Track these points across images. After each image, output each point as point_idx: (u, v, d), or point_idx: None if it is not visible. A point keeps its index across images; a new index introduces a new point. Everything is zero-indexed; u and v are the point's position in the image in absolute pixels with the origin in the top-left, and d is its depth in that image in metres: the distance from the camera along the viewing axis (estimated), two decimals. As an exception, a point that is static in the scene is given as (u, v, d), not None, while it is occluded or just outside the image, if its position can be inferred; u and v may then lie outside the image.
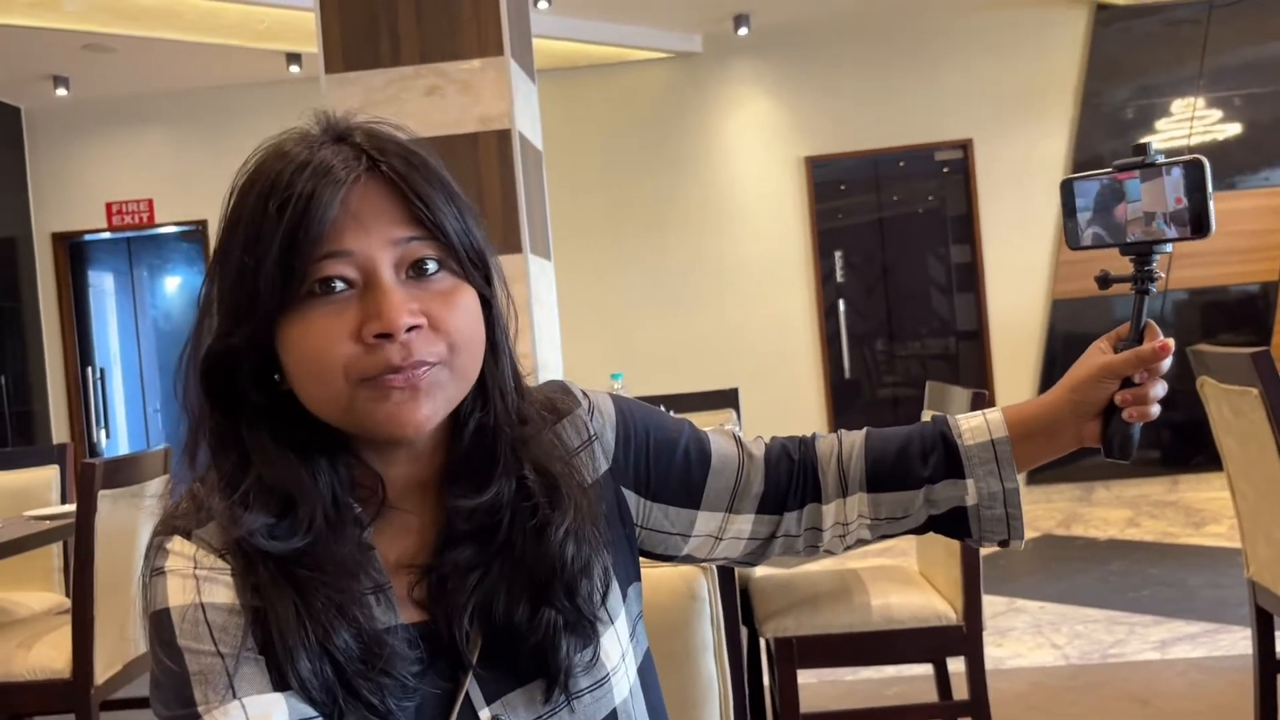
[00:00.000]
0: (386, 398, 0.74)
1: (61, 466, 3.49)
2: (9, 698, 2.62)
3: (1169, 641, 3.64)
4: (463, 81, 3.23)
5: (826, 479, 0.96)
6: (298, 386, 0.76)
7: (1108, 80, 6.77)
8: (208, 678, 0.72)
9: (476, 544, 0.80)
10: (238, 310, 0.75)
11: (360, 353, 0.74)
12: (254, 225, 0.74)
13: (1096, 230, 0.95)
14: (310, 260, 0.73)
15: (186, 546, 0.76)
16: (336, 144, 0.77)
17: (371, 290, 0.74)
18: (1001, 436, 0.93)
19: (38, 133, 7.26)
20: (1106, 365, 0.91)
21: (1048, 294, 6.83)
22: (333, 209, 0.73)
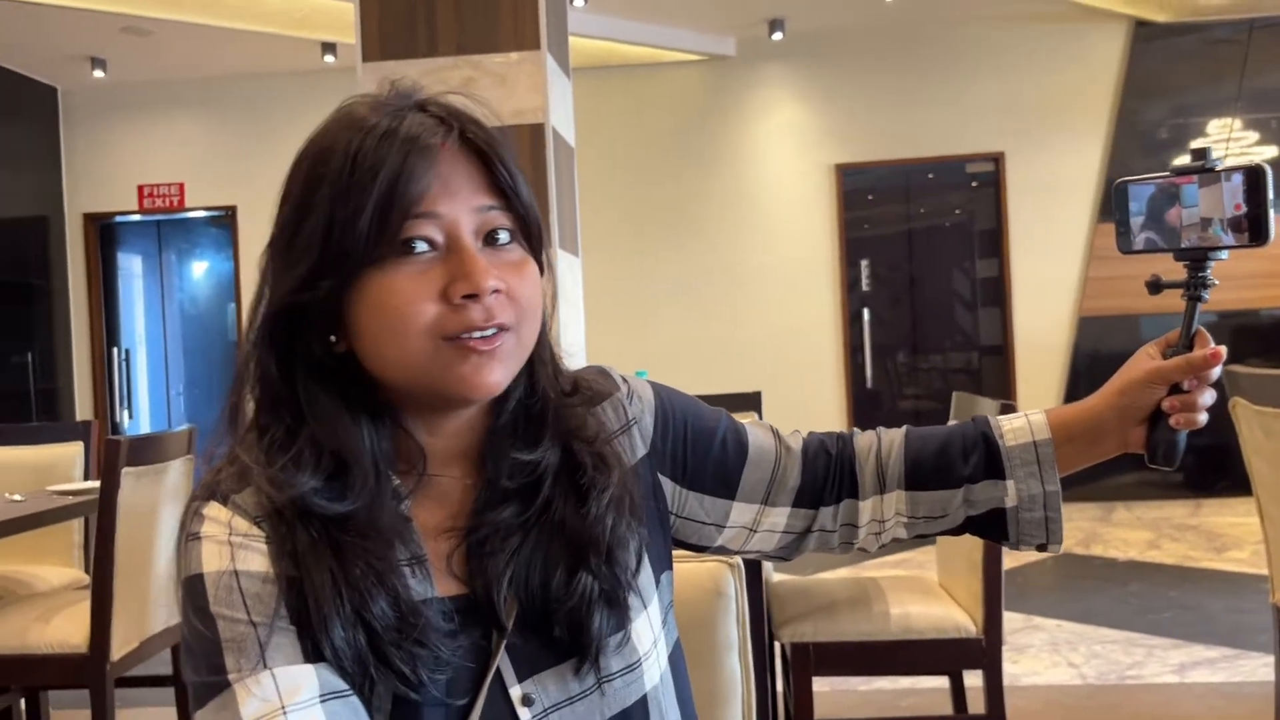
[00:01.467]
0: (465, 359, 0.76)
1: (86, 444, 3.51)
2: (26, 670, 2.63)
3: (1188, 665, 3.60)
4: (498, 74, 3.24)
5: (864, 475, 0.95)
6: (371, 345, 0.76)
7: (1144, 98, 6.72)
8: (239, 645, 0.72)
9: (517, 504, 0.81)
10: (320, 267, 0.75)
11: (445, 312, 0.75)
12: (339, 185, 0.74)
13: (1150, 235, 0.94)
14: (400, 221, 0.74)
15: (222, 513, 0.76)
16: (419, 113, 0.78)
17: (455, 253, 0.76)
18: (1044, 438, 0.92)
19: (73, 113, 7.33)
20: (1157, 370, 0.90)
21: (1074, 311, 6.78)
22: (425, 173, 0.75)
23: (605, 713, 0.81)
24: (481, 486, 0.82)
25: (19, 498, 2.94)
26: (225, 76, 7.19)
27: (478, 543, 0.80)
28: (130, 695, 3.10)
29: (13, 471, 3.31)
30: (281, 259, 0.77)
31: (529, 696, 0.79)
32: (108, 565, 2.54)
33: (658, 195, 7.11)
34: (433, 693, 0.75)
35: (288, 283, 0.76)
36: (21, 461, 3.41)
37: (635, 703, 0.82)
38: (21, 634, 2.60)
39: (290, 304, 0.77)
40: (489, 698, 0.77)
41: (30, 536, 3.11)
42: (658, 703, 0.84)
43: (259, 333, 0.78)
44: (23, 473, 3.35)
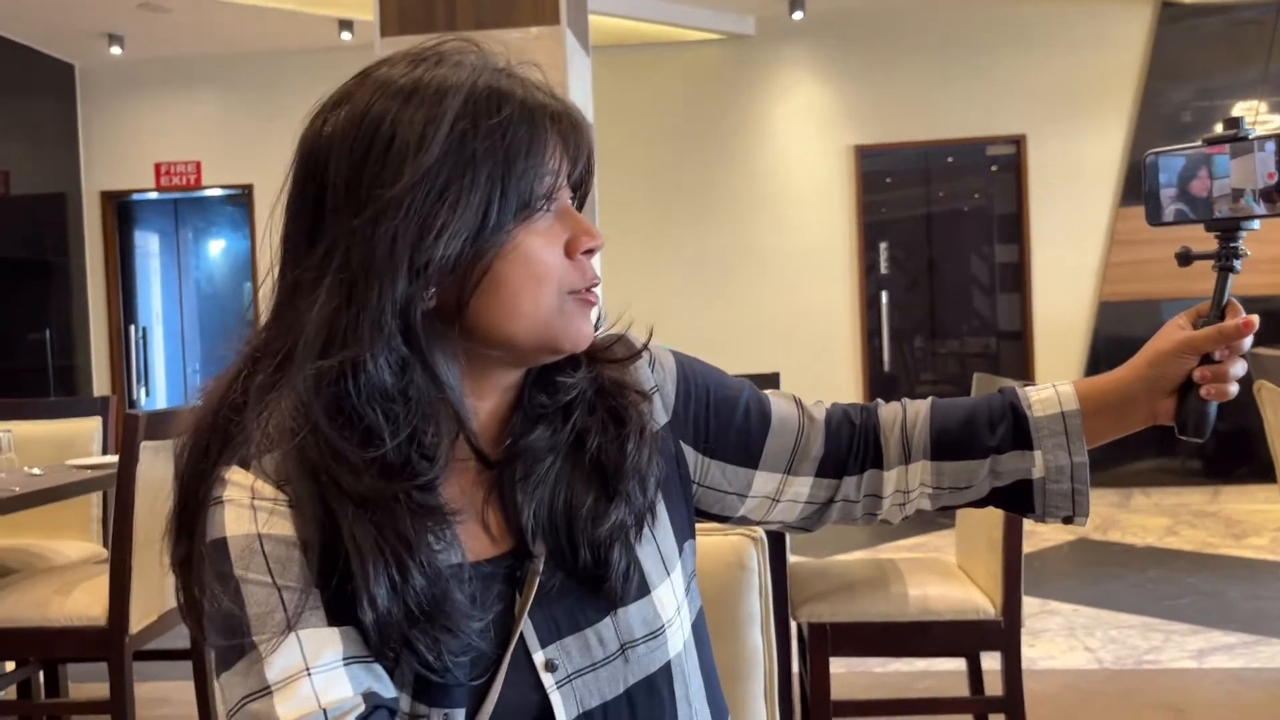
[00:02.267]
0: (580, 312, 0.80)
1: (104, 419, 3.52)
2: (45, 643, 2.65)
3: (1206, 651, 3.58)
4: (518, 50, 3.21)
5: (889, 445, 0.94)
6: (507, 297, 0.77)
7: (1169, 80, 6.64)
8: (263, 609, 0.72)
9: (548, 427, 0.82)
10: (485, 220, 0.75)
11: (569, 266, 0.79)
12: (505, 145, 0.76)
13: (1180, 207, 0.93)
14: (552, 183, 0.78)
15: (245, 476, 0.75)
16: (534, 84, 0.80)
17: (568, 214, 0.80)
18: (1073, 409, 0.91)
19: (90, 90, 7.33)
20: (1188, 340, 0.89)
21: (1095, 296, 6.73)
22: (557, 138, 0.79)
23: (629, 679, 0.80)
24: (517, 414, 0.83)
25: (38, 471, 2.96)
26: (242, 54, 7.19)
27: (510, 475, 0.81)
28: (148, 668, 3.12)
29: (32, 446, 3.33)
30: (427, 210, 0.74)
31: (552, 662, 0.78)
32: (126, 539, 2.55)
33: (675, 174, 7.07)
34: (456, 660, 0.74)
35: (444, 236, 0.74)
36: (41, 436, 3.43)
37: (659, 670, 0.82)
38: (41, 607, 2.62)
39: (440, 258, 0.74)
40: (512, 662, 0.77)
41: (49, 510, 3.13)
42: (681, 671, 0.84)
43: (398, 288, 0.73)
44: (42, 447, 3.36)
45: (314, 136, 0.78)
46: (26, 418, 3.49)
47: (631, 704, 0.80)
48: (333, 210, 0.76)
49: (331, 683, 0.70)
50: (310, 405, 0.74)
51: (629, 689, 0.80)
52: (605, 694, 0.79)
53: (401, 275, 0.73)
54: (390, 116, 0.75)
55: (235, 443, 0.77)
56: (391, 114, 0.75)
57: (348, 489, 0.72)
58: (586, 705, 0.78)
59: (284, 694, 0.70)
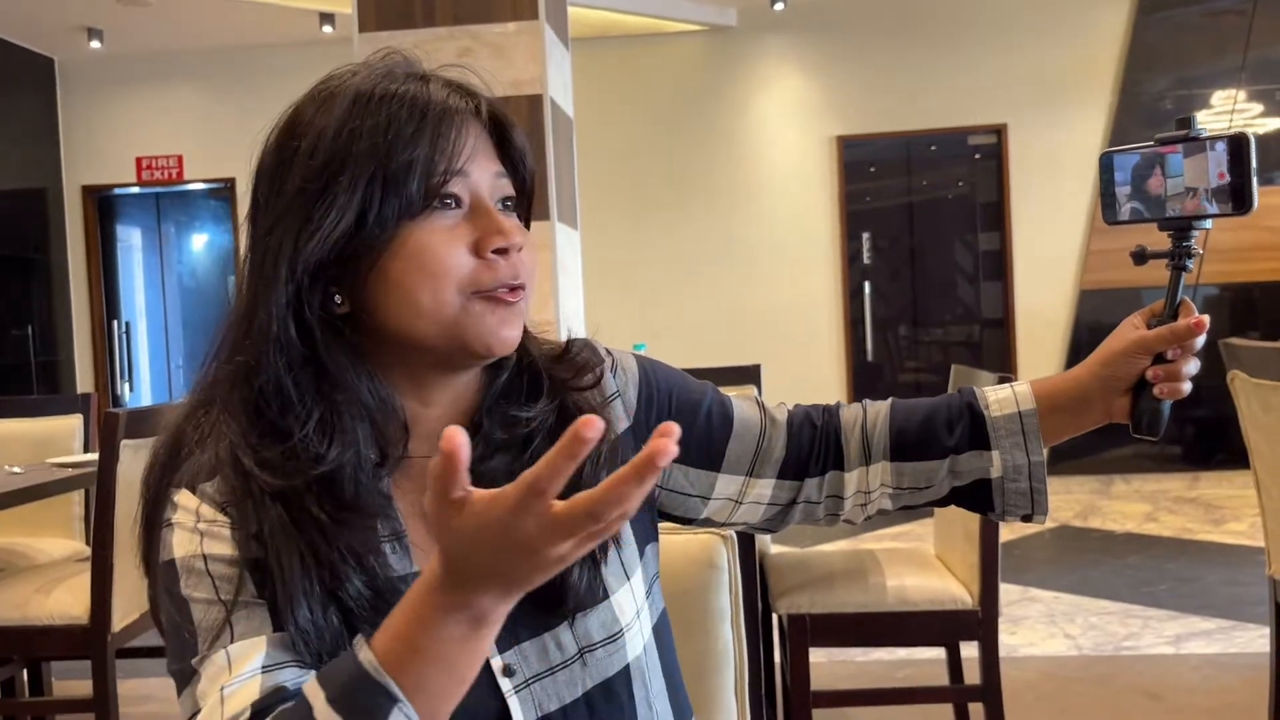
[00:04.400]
0: (493, 312, 0.78)
1: (85, 416, 3.51)
2: (28, 641, 2.65)
3: (1184, 636, 3.62)
4: (495, 44, 3.21)
5: (849, 446, 0.95)
6: (403, 296, 0.77)
7: (1148, 70, 6.67)
8: (208, 627, 0.73)
9: (506, 456, 0.82)
10: (362, 219, 0.76)
11: (479, 266, 0.78)
12: (387, 141, 0.76)
13: (1135, 205, 0.94)
14: (443, 178, 0.77)
15: (191, 500, 0.77)
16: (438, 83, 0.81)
17: (481, 212, 0.79)
18: (1029, 409, 0.93)
19: (70, 84, 7.29)
20: (1140, 340, 0.90)
21: (1075, 284, 6.77)
22: (461, 136, 0.78)
23: (587, 683, 0.81)
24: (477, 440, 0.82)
25: (19, 470, 2.95)
26: (223, 47, 7.15)
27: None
28: (132, 665, 3.12)
29: (12, 444, 3.32)
30: (307, 212, 0.76)
31: (510, 666, 0.79)
32: (107, 537, 2.55)
33: (657, 167, 7.08)
34: None
35: (318, 237, 0.76)
36: (21, 434, 3.42)
37: (617, 673, 0.83)
38: (22, 605, 2.62)
39: (319, 259, 0.76)
40: None
41: (30, 508, 3.12)
42: (641, 673, 0.85)
43: (281, 290, 0.76)
44: (22, 445, 3.35)
45: (260, 154, 0.81)
46: (6, 416, 3.48)
47: (590, 707, 0.81)
48: (254, 222, 0.80)
49: (239, 694, 0.70)
50: (227, 406, 0.77)
51: (587, 692, 0.81)
52: (564, 698, 0.80)
53: (284, 277, 0.76)
54: (297, 126, 0.78)
55: (186, 464, 0.79)
56: (299, 124, 0.78)
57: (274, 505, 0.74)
58: (545, 709, 0.79)
59: (203, 714, 0.70)
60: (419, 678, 0.62)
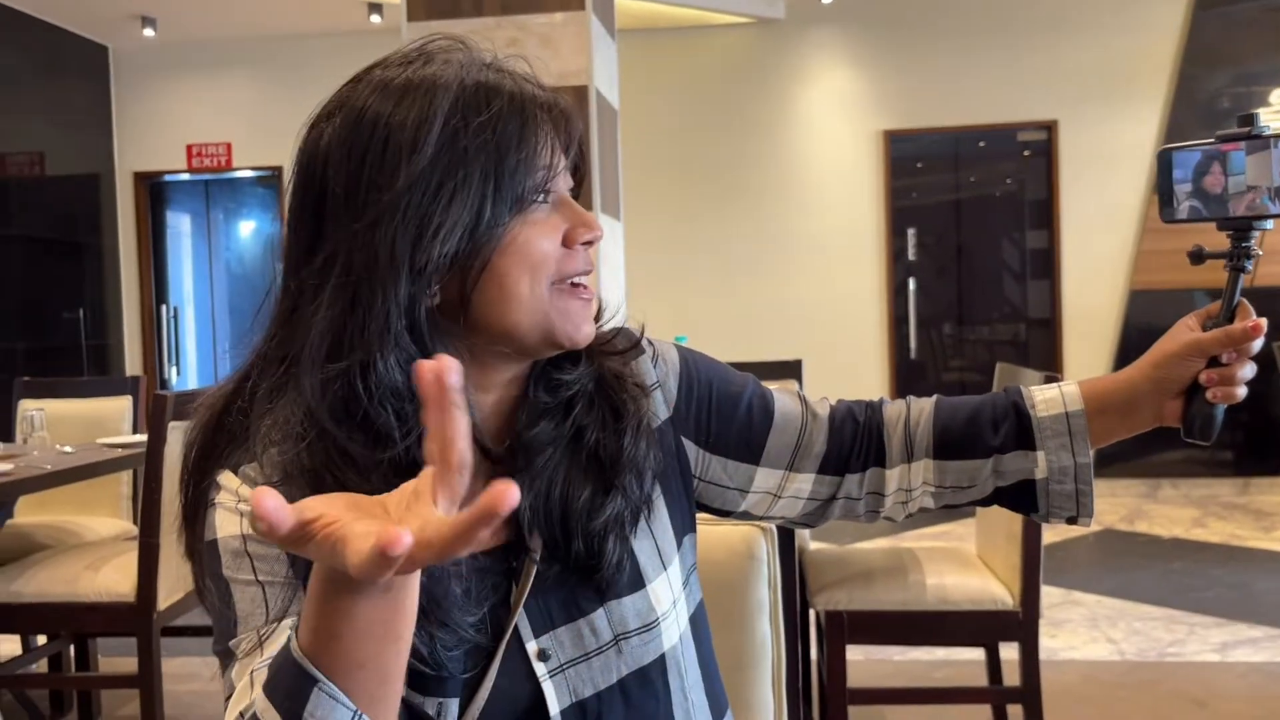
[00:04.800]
0: (573, 306, 0.80)
1: (134, 398, 3.57)
2: (76, 617, 2.70)
3: (1230, 644, 3.55)
4: (543, 35, 3.22)
5: (892, 443, 0.94)
6: (505, 288, 0.78)
7: (1205, 65, 6.53)
8: (248, 609, 0.73)
9: (550, 422, 0.83)
10: (480, 216, 0.76)
11: (564, 256, 0.80)
12: (496, 140, 0.76)
13: (1194, 203, 0.91)
14: (543, 173, 0.79)
15: (232, 481, 0.78)
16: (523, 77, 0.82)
17: (566, 205, 0.82)
18: (1076, 410, 0.91)
19: (124, 72, 7.40)
20: (1194, 342, 0.88)
21: (1126, 285, 6.65)
22: (552, 132, 0.80)
23: (622, 670, 0.81)
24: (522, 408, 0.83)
25: (69, 450, 3.01)
26: (273, 36, 7.22)
27: (510, 467, 0.81)
28: (177, 644, 3.18)
29: (64, 424, 3.39)
30: (424, 211, 0.75)
31: (545, 651, 0.79)
32: (154, 517, 2.59)
33: (703, 159, 7.05)
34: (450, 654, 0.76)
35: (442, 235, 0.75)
36: (72, 414, 3.49)
37: (653, 662, 0.83)
38: (71, 582, 2.67)
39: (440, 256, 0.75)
40: (506, 652, 0.78)
41: (80, 487, 3.19)
42: (677, 662, 0.85)
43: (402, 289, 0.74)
44: (73, 425, 3.42)
45: (311, 146, 0.79)
46: (59, 397, 3.55)
47: (625, 694, 0.81)
48: (332, 217, 0.77)
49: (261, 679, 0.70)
50: (318, 410, 0.74)
51: (622, 679, 0.81)
52: (598, 684, 0.80)
53: (404, 276, 0.74)
54: (384, 120, 0.76)
55: (234, 447, 0.79)
56: (385, 117, 0.76)
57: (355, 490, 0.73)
58: (580, 695, 0.79)
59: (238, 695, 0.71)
60: (342, 653, 0.60)
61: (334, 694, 0.60)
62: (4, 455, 2.86)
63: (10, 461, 2.76)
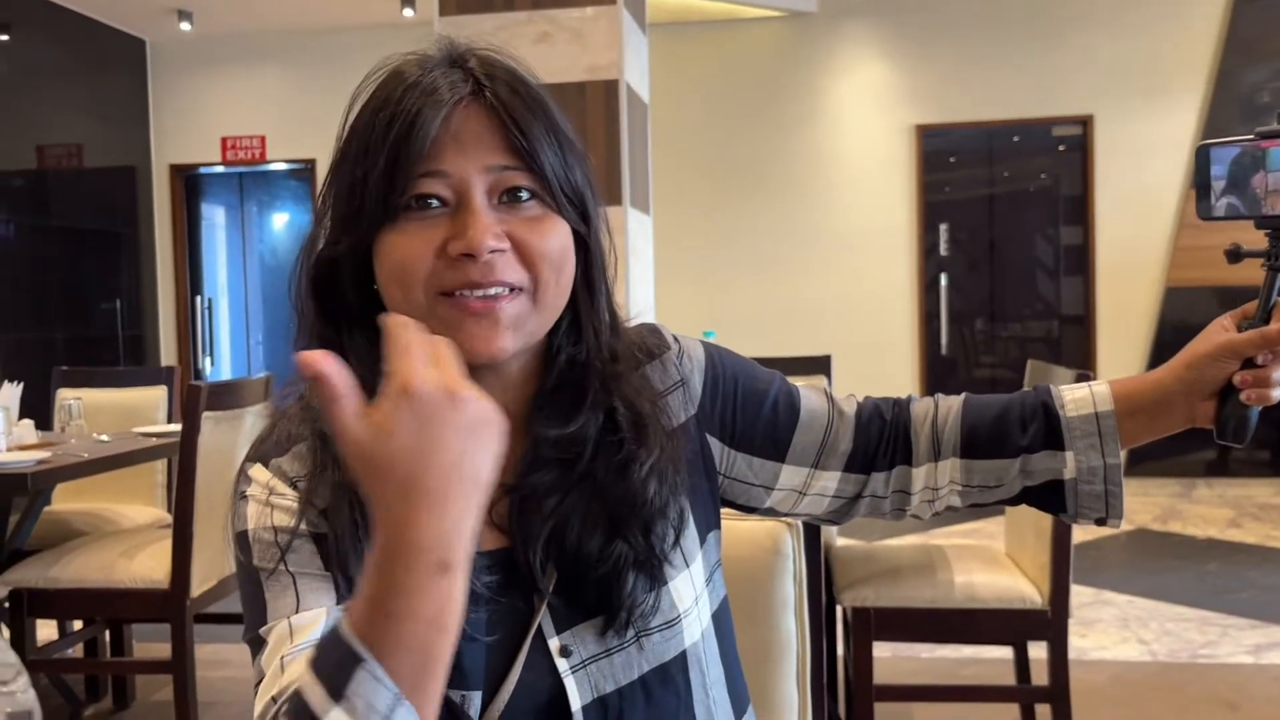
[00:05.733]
0: (462, 322, 0.76)
1: (169, 388, 3.62)
2: (111, 603, 2.74)
3: (1264, 646, 3.50)
4: (574, 29, 3.22)
5: (919, 442, 0.93)
6: (386, 296, 0.79)
7: (1245, 59, 6.43)
8: (277, 596, 0.75)
9: (559, 470, 0.81)
10: (346, 219, 0.79)
11: (441, 267, 0.76)
12: (364, 139, 0.77)
13: (1231, 201, 0.90)
14: (410, 177, 0.75)
15: (263, 474, 0.79)
16: (449, 67, 0.79)
17: (461, 211, 0.76)
18: (1107, 410, 0.90)
19: (160, 65, 7.48)
20: (1229, 344, 0.86)
21: (1161, 281, 6.57)
22: (433, 129, 0.75)
23: (643, 666, 0.81)
24: (526, 450, 0.82)
25: (106, 438, 3.05)
26: (307, 29, 7.28)
27: (520, 501, 0.80)
28: (210, 631, 3.21)
29: (100, 413, 3.44)
30: (323, 212, 0.81)
31: (567, 648, 0.80)
32: (188, 506, 2.63)
33: (734, 154, 7.03)
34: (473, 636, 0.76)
35: (325, 236, 0.81)
36: (109, 403, 3.54)
37: (674, 658, 0.83)
38: (107, 568, 2.71)
39: (328, 255, 0.80)
40: (528, 646, 0.79)
41: (116, 476, 3.23)
42: (698, 659, 0.85)
43: (308, 279, 0.82)
44: (110, 414, 3.47)
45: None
46: (96, 386, 3.60)
47: (647, 691, 0.81)
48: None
49: (296, 662, 0.71)
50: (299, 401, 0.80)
51: (643, 676, 0.81)
52: (620, 680, 0.80)
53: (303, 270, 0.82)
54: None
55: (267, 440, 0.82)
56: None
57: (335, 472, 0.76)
58: (601, 690, 0.80)
59: (267, 681, 0.72)
60: (391, 634, 0.60)
61: (379, 675, 0.60)
62: (42, 443, 2.91)
63: (48, 449, 2.80)
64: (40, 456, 2.66)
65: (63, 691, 3.18)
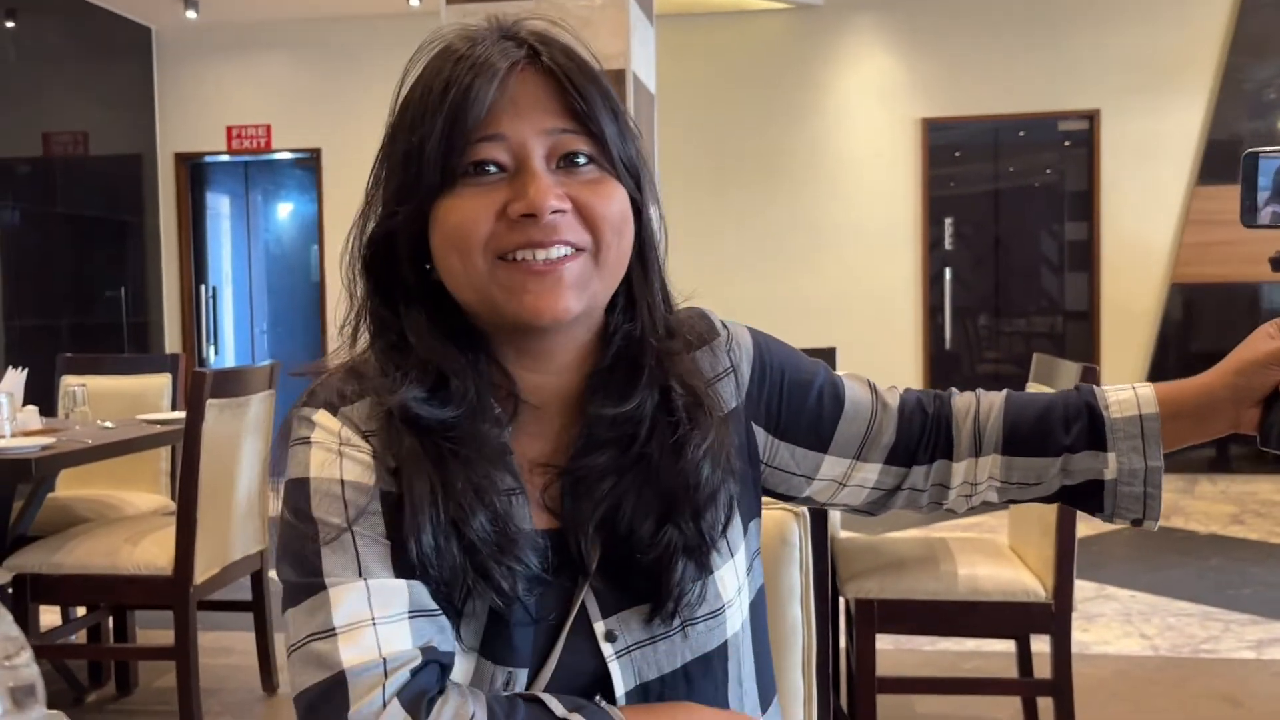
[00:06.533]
0: (524, 284, 0.76)
1: (174, 375, 3.63)
2: (115, 589, 2.75)
3: (1266, 642, 3.51)
4: (581, 18, 3.21)
5: (960, 436, 0.93)
6: (443, 266, 0.78)
7: (1253, 56, 6.41)
8: (337, 550, 0.74)
9: (614, 450, 0.81)
10: (401, 191, 0.78)
11: (501, 229, 0.76)
12: (419, 111, 0.77)
13: (1276, 209, 0.90)
14: (467, 143, 0.76)
15: (333, 422, 0.78)
16: (501, 39, 0.79)
17: (520, 174, 0.76)
18: (1151, 413, 0.89)
19: (166, 53, 7.48)
20: (1277, 351, 0.86)
21: (1166, 278, 6.56)
22: (490, 94, 0.75)
23: (686, 655, 0.82)
24: (581, 429, 0.82)
25: (110, 425, 3.06)
26: (313, 18, 7.26)
27: (573, 483, 0.80)
28: (212, 618, 3.22)
29: (105, 400, 3.44)
30: (376, 187, 0.81)
31: (612, 633, 0.80)
32: (192, 492, 2.63)
33: (739, 146, 7.02)
34: (524, 615, 0.77)
35: (381, 208, 0.80)
36: (113, 391, 3.54)
37: (716, 648, 0.83)
38: (111, 555, 2.72)
39: (383, 231, 0.80)
40: (573, 628, 0.79)
41: (120, 462, 3.24)
42: (737, 650, 0.85)
43: (360, 256, 0.82)
44: (114, 401, 3.47)
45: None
46: (101, 373, 3.60)
47: (688, 679, 0.82)
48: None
49: (394, 634, 0.72)
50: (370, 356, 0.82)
51: (686, 665, 0.81)
52: (663, 668, 0.81)
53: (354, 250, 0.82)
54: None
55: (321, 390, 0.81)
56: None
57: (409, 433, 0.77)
58: (645, 677, 0.80)
59: (348, 639, 0.72)
60: None
61: None
62: (46, 429, 2.92)
63: (52, 435, 2.81)
64: (45, 442, 2.66)
65: (66, 677, 3.19)
